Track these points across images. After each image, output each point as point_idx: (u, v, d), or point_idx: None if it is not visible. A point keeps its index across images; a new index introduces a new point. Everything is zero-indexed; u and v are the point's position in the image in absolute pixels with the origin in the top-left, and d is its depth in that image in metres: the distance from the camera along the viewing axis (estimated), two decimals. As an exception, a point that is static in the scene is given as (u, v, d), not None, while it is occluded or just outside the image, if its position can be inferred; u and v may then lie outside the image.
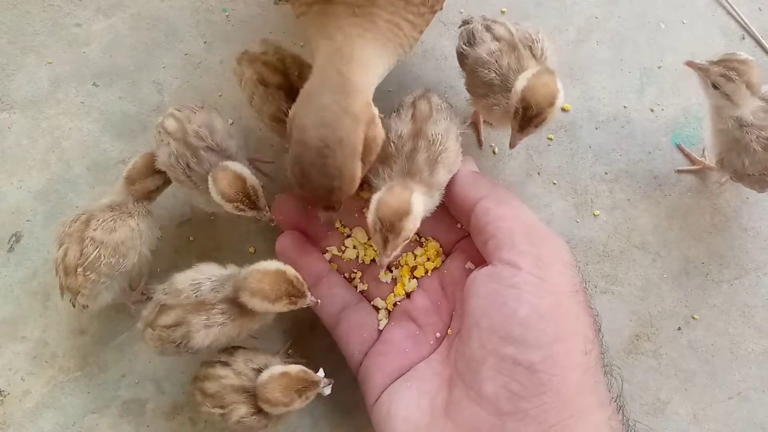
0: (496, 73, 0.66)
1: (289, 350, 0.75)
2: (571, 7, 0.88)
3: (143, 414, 0.74)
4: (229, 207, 0.66)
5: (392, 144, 0.65)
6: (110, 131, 0.82)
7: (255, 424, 0.64)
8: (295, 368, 0.64)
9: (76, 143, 0.82)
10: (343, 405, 0.74)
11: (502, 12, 0.87)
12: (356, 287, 0.71)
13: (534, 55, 0.67)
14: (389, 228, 0.59)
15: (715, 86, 0.71)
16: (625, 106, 0.85)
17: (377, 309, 0.70)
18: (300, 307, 0.64)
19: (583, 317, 0.57)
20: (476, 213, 0.63)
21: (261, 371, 0.65)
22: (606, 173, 0.82)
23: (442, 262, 0.70)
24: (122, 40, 0.85)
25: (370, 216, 0.61)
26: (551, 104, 0.63)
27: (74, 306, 0.69)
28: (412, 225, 0.60)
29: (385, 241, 0.60)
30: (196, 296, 0.64)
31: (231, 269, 0.67)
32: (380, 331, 0.69)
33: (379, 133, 0.59)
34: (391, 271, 0.71)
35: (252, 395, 0.64)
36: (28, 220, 0.79)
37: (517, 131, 0.65)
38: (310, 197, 0.60)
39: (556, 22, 0.87)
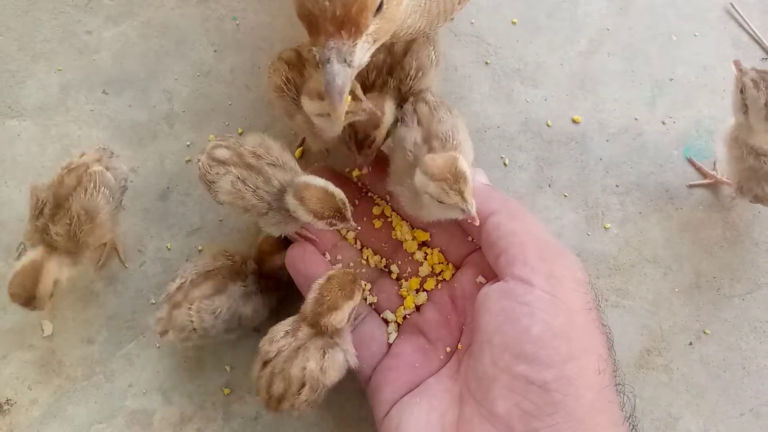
0: None
1: None
2: (582, 19, 0.88)
3: (150, 424, 0.74)
4: (320, 225, 0.63)
5: (409, 153, 0.65)
6: (120, 139, 0.82)
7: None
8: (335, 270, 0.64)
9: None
10: (350, 418, 0.74)
11: (513, 23, 0.87)
12: (366, 299, 0.71)
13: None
14: (457, 180, 0.59)
15: (741, 91, 0.71)
16: (636, 119, 0.84)
17: (387, 322, 0.70)
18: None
19: (596, 335, 0.57)
20: (487, 227, 0.63)
21: None
22: (617, 186, 0.82)
23: (453, 275, 0.70)
24: (132, 48, 0.85)
25: (434, 189, 0.60)
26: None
27: None
28: (468, 166, 0.61)
29: (462, 194, 0.59)
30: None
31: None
32: (390, 345, 0.68)
33: None
34: (403, 283, 0.71)
35: None
36: (36, 228, 0.79)
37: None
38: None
39: (567, 33, 0.87)
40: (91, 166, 0.70)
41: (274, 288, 0.73)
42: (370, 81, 0.70)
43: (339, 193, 0.63)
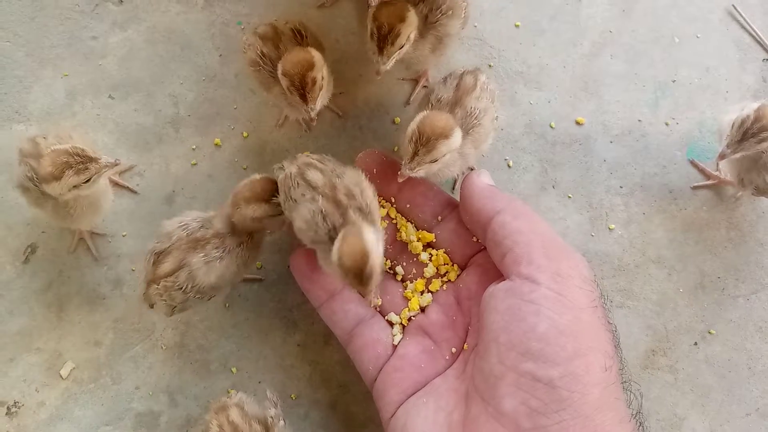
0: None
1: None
2: (585, 21, 0.88)
3: (157, 426, 0.74)
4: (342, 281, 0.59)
5: (430, 105, 0.67)
6: (125, 143, 0.82)
7: None
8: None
9: (91, 155, 0.82)
10: (357, 420, 0.74)
11: (516, 26, 0.87)
12: (370, 302, 0.71)
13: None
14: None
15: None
16: (639, 120, 0.84)
17: (391, 324, 0.70)
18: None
19: (602, 333, 0.57)
20: (493, 226, 0.63)
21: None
22: (621, 187, 0.82)
23: (458, 276, 0.70)
24: (138, 53, 0.85)
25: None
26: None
27: None
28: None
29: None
30: (187, 234, 0.66)
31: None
32: (395, 347, 0.68)
33: None
34: (408, 284, 0.71)
35: None
36: (43, 232, 0.79)
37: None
38: None
39: (570, 35, 0.87)
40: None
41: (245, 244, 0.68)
42: None
43: (375, 257, 0.56)
